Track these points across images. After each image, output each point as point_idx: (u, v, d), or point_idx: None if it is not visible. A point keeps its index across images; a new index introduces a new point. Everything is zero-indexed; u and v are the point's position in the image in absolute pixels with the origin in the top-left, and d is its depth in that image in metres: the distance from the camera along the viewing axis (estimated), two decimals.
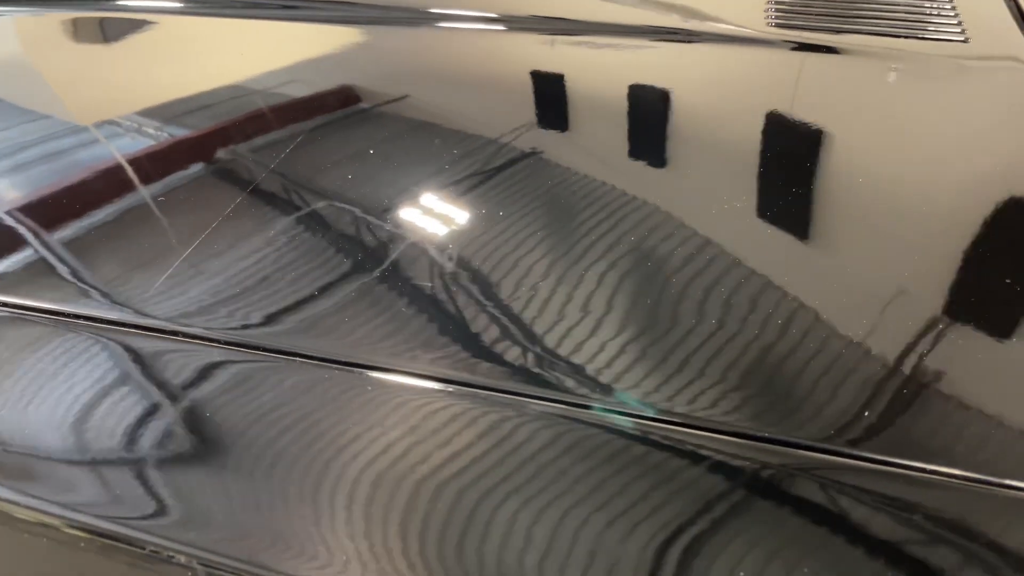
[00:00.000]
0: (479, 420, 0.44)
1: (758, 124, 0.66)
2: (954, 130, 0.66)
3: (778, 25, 0.77)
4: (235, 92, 0.77)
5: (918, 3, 0.79)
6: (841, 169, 0.61)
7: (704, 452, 0.42)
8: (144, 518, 0.43)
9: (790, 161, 0.62)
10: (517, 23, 0.83)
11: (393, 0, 0.87)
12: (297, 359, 0.48)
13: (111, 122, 0.74)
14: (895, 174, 0.60)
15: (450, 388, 0.46)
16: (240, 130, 0.71)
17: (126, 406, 0.47)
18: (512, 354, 0.47)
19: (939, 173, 0.61)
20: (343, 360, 0.48)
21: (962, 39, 0.74)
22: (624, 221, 0.56)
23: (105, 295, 0.55)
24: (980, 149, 0.63)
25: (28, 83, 0.83)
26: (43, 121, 0.77)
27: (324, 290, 0.53)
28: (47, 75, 0.85)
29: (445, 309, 0.51)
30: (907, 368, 0.45)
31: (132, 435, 0.46)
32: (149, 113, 0.74)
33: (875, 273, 0.51)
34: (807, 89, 0.70)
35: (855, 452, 0.41)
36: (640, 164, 0.63)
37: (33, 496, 0.45)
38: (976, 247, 0.53)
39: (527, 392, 0.45)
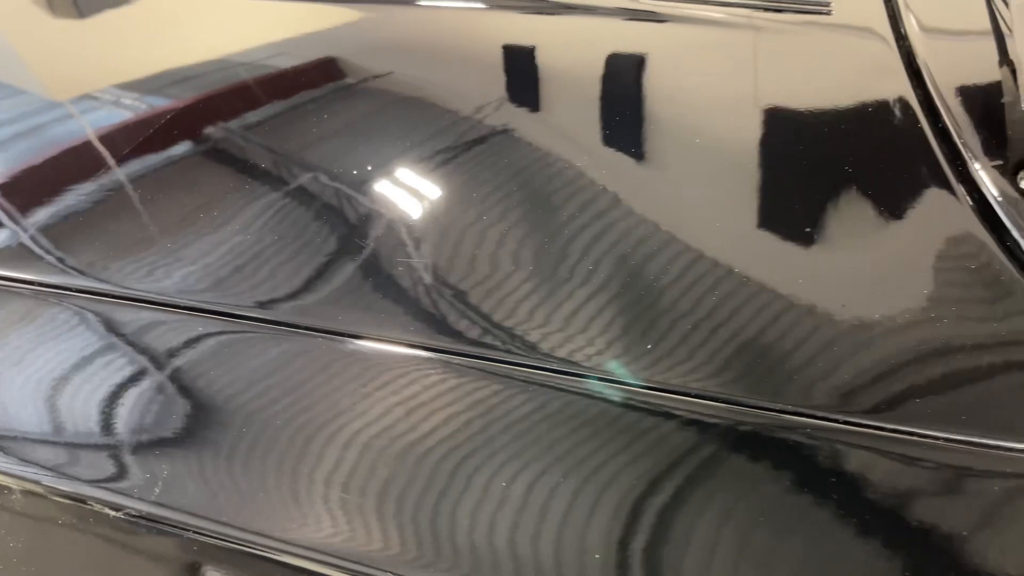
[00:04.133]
0: (463, 387, 0.45)
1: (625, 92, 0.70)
2: (801, 91, 0.69)
3: None
4: (217, 67, 0.78)
5: None
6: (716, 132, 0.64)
7: (685, 416, 0.43)
8: (130, 486, 0.43)
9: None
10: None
11: None
12: (281, 328, 0.49)
13: (90, 96, 0.75)
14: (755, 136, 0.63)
15: (433, 356, 0.46)
16: (224, 105, 0.72)
17: (112, 375, 0.48)
18: (495, 322, 0.48)
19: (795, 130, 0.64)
20: (327, 329, 0.49)
21: (826, 11, 0.79)
22: (601, 200, 0.58)
23: (91, 268, 0.55)
24: (824, 107, 0.66)
25: (6, 59, 0.84)
26: (21, 96, 0.78)
27: (308, 262, 0.53)
28: (24, 51, 0.85)
29: (427, 280, 0.52)
30: (888, 334, 0.46)
31: (118, 404, 0.46)
32: (130, 87, 0.75)
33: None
34: (668, 58, 0.75)
35: (836, 416, 0.42)
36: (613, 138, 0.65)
37: (18, 463, 0.45)
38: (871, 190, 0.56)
39: (511, 360, 0.46)
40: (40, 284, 0.54)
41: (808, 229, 0.53)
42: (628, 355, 0.46)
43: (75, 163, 0.66)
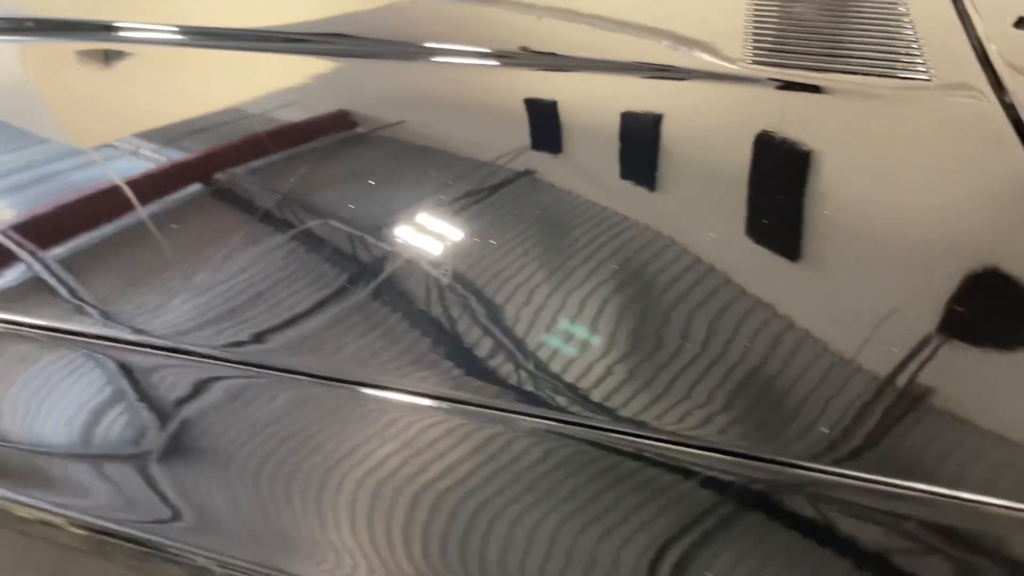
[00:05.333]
0: (472, 435, 0.45)
1: (745, 156, 0.69)
2: (921, 158, 0.69)
3: (757, 62, 0.81)
4: (229, 118, 0.79)
5: (887, 43, 0.84)
6: (821, 196, 0.64)
7: (694, 469, 0.43)
8: (152, 522, 0.43)
9: (775, 188, 0.65)
10: (510, 58, 0.86)
11: (391, 34, 0.90)
12: (290, 375, 0.49)
13: (106, 145, 0.75)
14: (871, 199, 0.63)
15: (443, 405, 0.47)
16: (234, 153, 0.72)
17: (122, 419, 0.48)
18: (502, 371, 0.48)
19: (911, 198, 0.64)
20: (336, 376, 0.49)
21: (926, 77, 0.78)
22: (613, 245, 0.58)
23: (99, 312, 0.55)
24: (946, 177, 0.66)
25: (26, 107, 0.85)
26: (39, 145, 0.78)
27: (318, 308, 0.54)
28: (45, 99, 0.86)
29: (435, 327, 0.52)
30: (895, 386, 0.46)
31: (129, 446, 0.47)
32: (143, 136, 0.76)
33: (861, 294, 0.54)
34: (789, 124, 0.73)
35: (842, 470, 0.42)
36: (629, 193, 0.65)
37: (34, 497, 0.46)
38: (959, 266, 0.55)
39: (516, 409, 0.46)
40: (47, 328, 0.54)
41: (930, 307, 0.52)
42: (635, 405, 0.46)
43: (83, 209, 0.67)
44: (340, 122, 0.78)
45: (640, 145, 0.71)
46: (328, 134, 0.76)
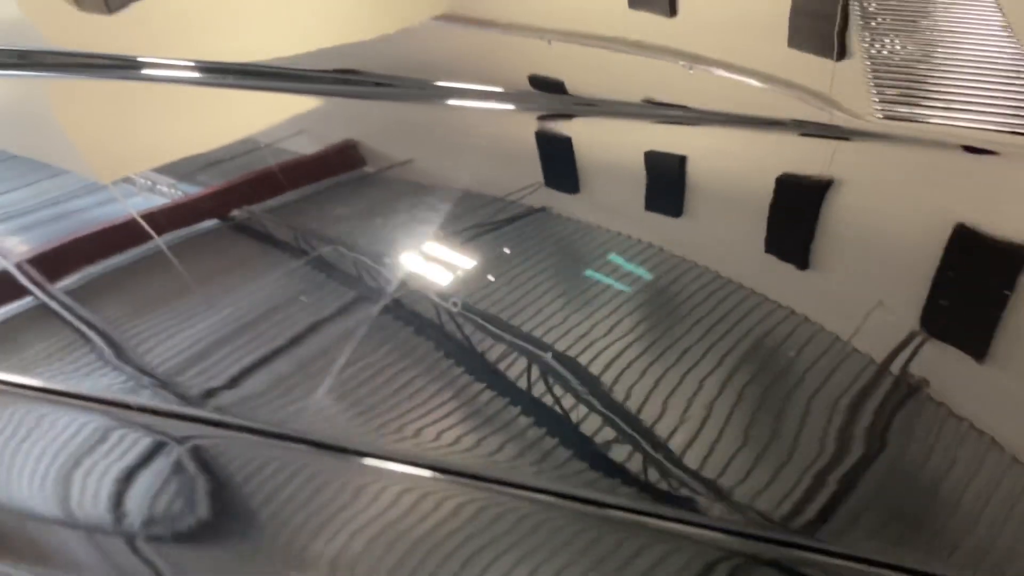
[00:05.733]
0: (462, 508, 0.41)
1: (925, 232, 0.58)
2: None
3: (887, 117, 0.70)
4: (224, 156, 0.73)
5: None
6: None
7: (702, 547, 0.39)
8: None
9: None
10: (626, 108, 0.75)
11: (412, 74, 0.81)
12: (259, 436, 0.45)
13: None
14: None
15: (429, 474, 0.43)
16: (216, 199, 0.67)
17: (88, 478, 0.45)
18: (489, 443, 0.44)
19: None
20: (314, 441, 0.45)
21: None
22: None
23: (60, 365, 0.51)
24: None
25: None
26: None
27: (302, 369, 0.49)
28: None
29: (422, 395, 0.47)
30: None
31: (95, 508, 0.44)
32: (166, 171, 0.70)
33: None
34: (936, 185, 0.62)
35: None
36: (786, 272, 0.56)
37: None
38: None
39: (502, 479, 0.42)
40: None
41: None
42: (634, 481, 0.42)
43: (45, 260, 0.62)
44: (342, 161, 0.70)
45: (804, 218, 0.60)
46: (340, 172, 0.69)
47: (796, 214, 0.61)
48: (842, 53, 0.82)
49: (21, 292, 0.58)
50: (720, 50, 0.82)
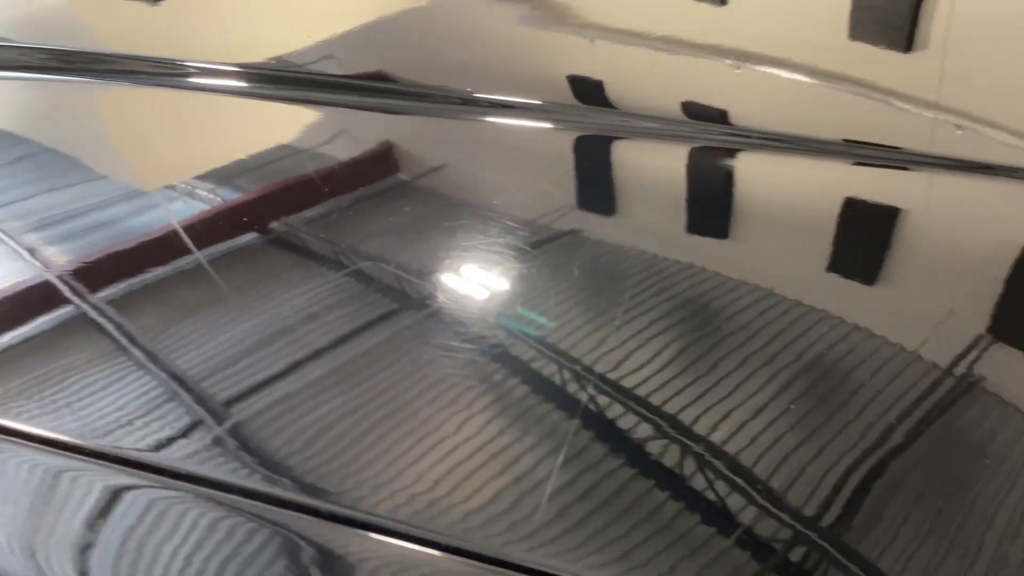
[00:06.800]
0: None
1: None
2: None
3: None
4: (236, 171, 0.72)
5: None
6: None
7: None
8: None
9: None
10: (742, 136, 0.66)
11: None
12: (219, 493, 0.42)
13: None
14: None
15: (432, 552, 0.38)
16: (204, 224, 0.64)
17: (31, 533, 0.44)
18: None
19: None
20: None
21: None
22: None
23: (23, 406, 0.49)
24: None
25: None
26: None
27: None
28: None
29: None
30: None
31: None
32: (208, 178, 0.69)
33: None
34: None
35: None
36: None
37: None
38: None
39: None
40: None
41: None
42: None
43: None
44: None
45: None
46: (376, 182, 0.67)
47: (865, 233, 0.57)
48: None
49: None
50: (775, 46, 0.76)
